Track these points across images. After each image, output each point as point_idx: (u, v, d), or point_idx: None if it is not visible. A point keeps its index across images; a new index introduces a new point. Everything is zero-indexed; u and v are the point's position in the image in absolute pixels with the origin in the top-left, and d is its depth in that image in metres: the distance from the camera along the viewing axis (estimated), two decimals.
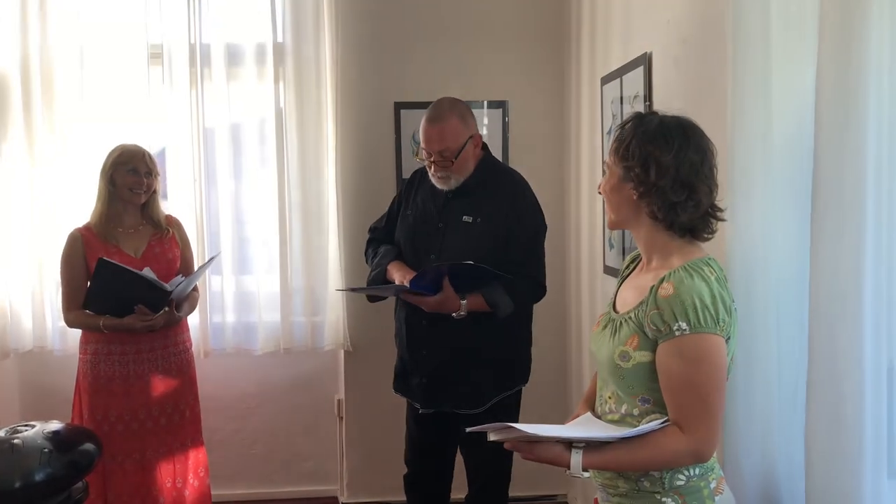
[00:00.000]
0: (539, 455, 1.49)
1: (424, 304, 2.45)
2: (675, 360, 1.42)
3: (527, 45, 3.58)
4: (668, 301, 1.42)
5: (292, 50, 3.46)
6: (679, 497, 1.47)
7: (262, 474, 3.74)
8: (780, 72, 1.63)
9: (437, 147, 2.47)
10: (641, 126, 1.50)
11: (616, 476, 1.53)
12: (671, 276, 1.44)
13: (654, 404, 1.48)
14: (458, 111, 2.51)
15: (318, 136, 3.50)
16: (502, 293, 2.46)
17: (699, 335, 1.40)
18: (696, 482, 1.48)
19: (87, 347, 2.85)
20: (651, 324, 1.45)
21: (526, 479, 3.25)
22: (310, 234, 3.54)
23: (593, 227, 3.14)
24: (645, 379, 1.48)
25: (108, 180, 2.83)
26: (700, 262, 1.47)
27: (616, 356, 1.51)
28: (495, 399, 2.57)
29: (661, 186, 1.46)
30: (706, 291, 1.41)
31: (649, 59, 2.43)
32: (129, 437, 2.81)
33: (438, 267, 2.43)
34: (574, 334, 3.52)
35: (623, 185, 1.51)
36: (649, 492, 1.49)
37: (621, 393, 1.53)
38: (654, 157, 1.46)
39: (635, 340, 1.48)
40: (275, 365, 3.66)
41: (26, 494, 2.32)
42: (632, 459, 1.45)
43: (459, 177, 2.54)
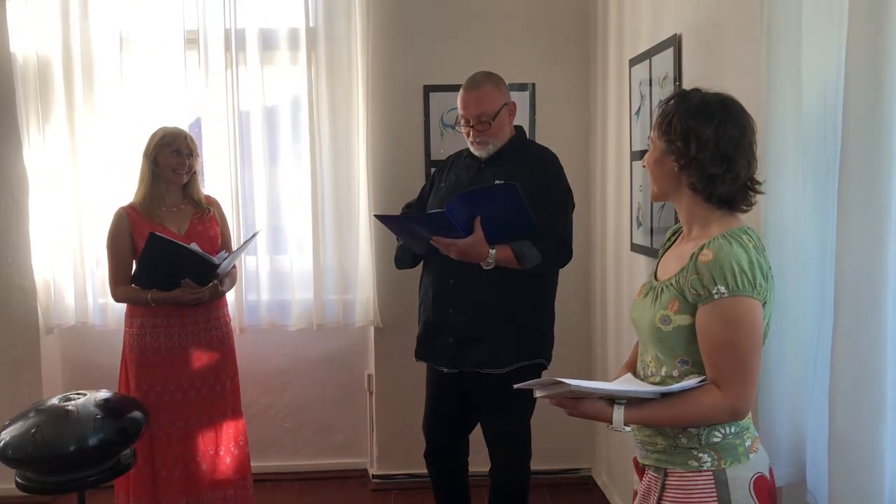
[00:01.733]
0: (583, 410, 1.56)
1: (454, 246, 2.50)
2: (715, 321, 1.49)
3: (554, 27, 3.65)
4: (707, 266, 1.49)
5: (324, 34, 3.55)
6: (715, 453, 1.54)
7: (295, 447, 3.87)
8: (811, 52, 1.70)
9: (474, 111, 2.60)
10: (684, 102, 1.57)
11: (655, 433, 1.60)
12: (711, 244, 1.51)
13: (692, 365, 1.56)
14: (492, 80, 2.66)
15: (349, 118, 3.59)
16: (530, 245, 2.53)
17: (737, 298, 1.47)
18: (731, 440, 1.55)
19: (132, 321, 2.95)
20: (691, 288, 1.52)
21: (549, 454, 3.35)
22: (341, 214, 3.64)
23: (620, 207, 3.21)
24: (684, 341, 1.55)
25: (152, 161, 2.92)
26: (738, 230, 1.54)
27: (657, 320, 1.58)
28: (517, 364, 2.63)
29: (700, 159, 1.53)
30: (744, 257, 1.48)
31: (679, 40, 2.49)
32: (174, 406, 2.92)
33: (477, 190, 2.50)
34: (599, 313, 3.59)
35: (665, 158, 1.59)
36: (686, 448, 1.56)
37: (661, 356, 1.60)
38: (695, 131, 1.53)
39: (676, 305, 1.55)
40: (307, 341, 3.77)
41: (80, 458, 2.44)
42: (671, 415, 1.52)
43: (496, 142, 2.64)
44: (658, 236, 2.72)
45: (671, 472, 1.58)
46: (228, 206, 3.47)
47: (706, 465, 1.54)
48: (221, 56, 3.53)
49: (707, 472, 1.54)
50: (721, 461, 1.54)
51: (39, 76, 3.47)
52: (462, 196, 2.47)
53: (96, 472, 2.51)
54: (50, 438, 2.39)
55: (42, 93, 3.49)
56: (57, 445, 2.39)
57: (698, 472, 1.54)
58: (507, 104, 2.65)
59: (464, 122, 2.66)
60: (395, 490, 3.70)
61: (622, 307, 3.21)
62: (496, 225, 2.48)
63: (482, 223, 2.47)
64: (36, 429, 2.39)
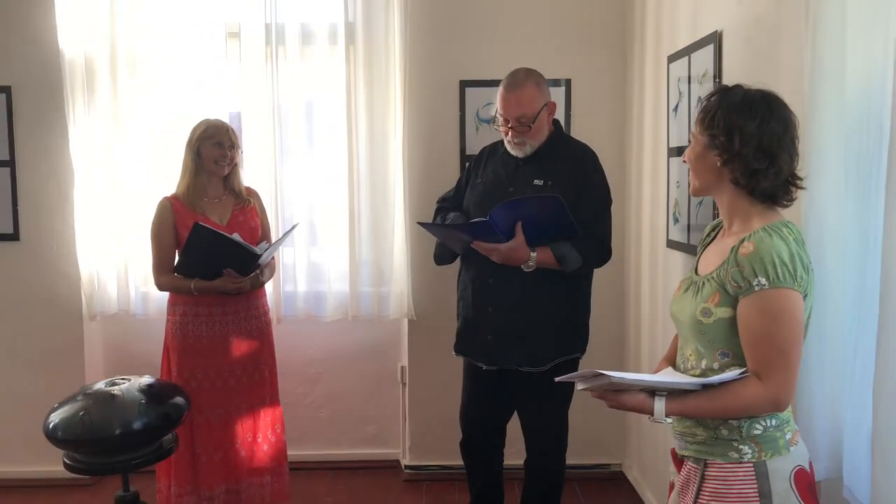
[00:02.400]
0: (624, 402, 1.57)
1: (496, 251, 2.52)
2: (756, 313, 1.50)
3: (591, 23, 3.65)
4: (748, 259, 1.50)
5: (362, 29, 3.59)
6: (756, 445, 1.56)
7: (329, 437, 3.92)
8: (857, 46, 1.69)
9: (514, 113, 2.58)
10: (727, 98, 1.58)
11: (695, 425, 1.62)
12: (752, 237, 1.53)
13: (733, 358, 1.57)
14: (534, 79, 2.62)
15: (386, 113, 3.63)
16: (570, 248, 2.54)
17: (778, 290, 1.48)
18: (772, 432, 1.56)
19: (175, 309, 3.02)
20: (732, 280, 1.53)
21: (580, 449, 3.36)
22: (377, 208, 3.68)
23: (656, 203, 3.21)
24: (725, 333, 1.57)
25: (195, 153, 2.98)
26: (779, 224, 1.56)
27: (698, 313, 1.60)
28: (556, 361, 2.66)
29: (744, 154, 1.54)
30: (784, 249, 1.50)
31: (720, 37, 2.49)
32: (214, 393, 2.99)
33: (519, 199, 2.51)
34: (633, 309, 3.60)
35: (708, 152, 1.60)
36: (727, 439, 1.57)
37: (702, 348, 1.62)
38: (739, 127, 1.54)
39: (717, 298, 1.57)
40: (342, 333, 3.83)
41: (125, 441, 2.51)
42: (712, 406, 1.53)
43: (534, 143, 2.64)
44: (695, 233, 2.72)
45: (711, 463, 1.59)
46: (267, 198, 3.53)
47: (747, 457, 1.55)
48: (262, 50, 3.58)
49: (748, 464, 1.55)
50: (762, 453, 1.55)
51: (86, 70, 3.56)
52: (505, 204, 2.48)
53: (140, 455, 2.59)
54: (97, 421, 2.46)
55: (88, 86, 3.58)
56: (104, 428, 2.47)
57: (739, 463, 1.55)
58: (547, 104, 2.64)
59: (502, 122, 2.65)
60: (428, 481, 3.74)
61: (657, 303, 3.21)
62: (537, 228, 2.50)
63: (523, 226, 2.49)
64: (84, 411, 2.47)
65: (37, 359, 3.71)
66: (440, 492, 3.64)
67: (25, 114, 3.63)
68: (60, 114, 3.57)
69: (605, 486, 3.71)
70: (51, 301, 3.69)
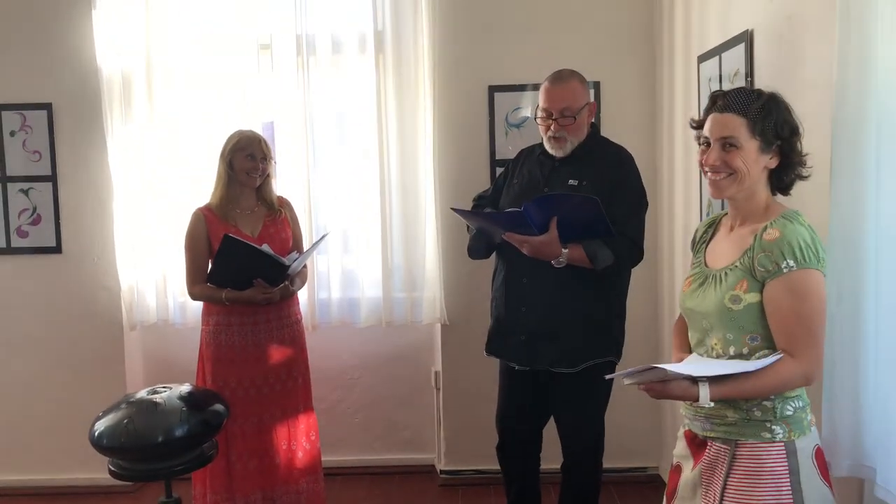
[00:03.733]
0: (670, 391, 1.64)
1: (528, 243, 2.52)
2: (785, 294, 1.60)
3: (619, 26, 3.64)
4: (775, 243, 1.60)
5: (391, 37, 3.63)
6: (786, 426, 1.65)
7: (364, 442, 3.96)
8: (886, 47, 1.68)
9: (559, 105, 2.61)
10: (775, 103, 1.70)
11: (724, 407, 1.68)
12: (774, 224, 1.63)
13: (762, 340, 1.66)
14: (578, 77, 2.68)
15: (416, 119, 3.66)
16: (602, 246, 2.53)
17: (805, 271, 1.59)
18: (799, 413, 1.66)
19: (209, 319, 3.07)
20: (759, 265, 1.62)
21: (616, 453, 3.34)
22: (408, 214, 3.71)
23: (688, 204, 3.19)
24: (755, 318, 1.65)
25: (228, 164, 3.03)
26: (793, 212, 1.67)
27: (727, 300, 1.67)
28: (589, 362, 2.65)
29: (798, 150, 1.70)
30: (806, 233, 1.61)
31: (751, 36, 2.47)
32: (249, 401, 3.03)
33: (557, 195, 2.52)
34: (667, 310, 3.57)
35: (761, 157, 1.69)
36: (760, 420, 1.65)
37: (731, 335, 1.69)
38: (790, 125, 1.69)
39: (744, 284, 1.65)
40: (376, 338, 3.86)
41: (167, 448, 2.55)
42: (753, 387, 1.61)
43: (574, 140, 2.65)
44: None
45: (742, 443, 1.66)
46: (300, 207, 3.58)
47: (779, 437, 1.64)
48: (293, 60, 3.64)
49: (779, 444, 1.63)
50: (791, 433, 1.64)
51: (123, 85, 3.65)
52: (542, 199, 2.48)
53: (182, 462, 2.62)
54: (141, 429, 2.51)
55: (125, 101, 3.67)
56: (147, 436, 2.51)
57: (771, 443, 1.64)
58: (588, 104, 2.67)
59: (544, 115, 2.65)
60: (463, 485, 3.75)
61: None
62: (571, 226, 2.50)
63: (557, 223, 2.49)
64: (128, 419, 2.52)
65: (79, 368, 3.79)
66: (476, 496, 3.64)
67: (66, 129, 3.72)
68: (99, 129, 3.66)
69: (643, 489, 3.68)
70: (92, 312, 3.78)
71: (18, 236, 3.77)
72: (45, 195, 3.74)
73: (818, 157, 1.95)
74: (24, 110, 3.71)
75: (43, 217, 3.75)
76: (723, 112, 1.69)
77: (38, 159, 3.73)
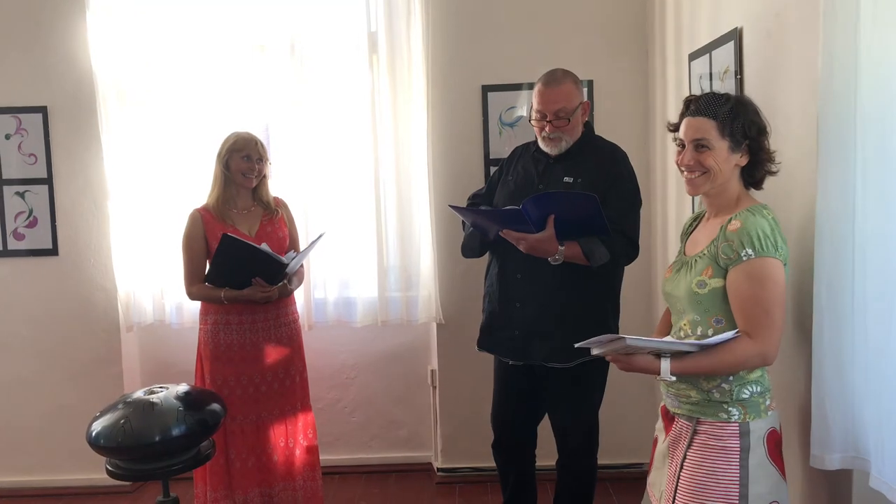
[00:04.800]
0: (634, 364, 1.79)
1: (524, 240, 2.53)
2: (744, 279, 1.74)
3: (611, 24, 3.66)
4: (736, 234, 1.76)
5: (385, 39, 3.64)
6: (742, 408, 1.80)
7: (361, 441, 3.98)
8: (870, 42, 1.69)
9: (553, 107, 2.63)
10: (741, 105, 1.85)
11: (689, 387, 1.84)
12: (738, 216, 1.79)
13: (726, 323, 1.81)
14: (571, 77, 2.69)
15: (410, 119, 3.68)
16: (599, 243, 2.55)
17: (762, 259, 1.73)
18: (756, 398, 1.81)
19: (206, 318, 3.09)
20: (723, 253, 1.77)
21: (612, 449, 3.37)
22: (403, 214, 3.73)
23: (681, 201, 3.21)
24: (718, 301, 1.80)
25: (224, 165, 3.05)
26: (758, 206, 1.82)
27: (694, 285, 1.83)
28: (583, 358, 2.64)
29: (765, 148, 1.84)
30: (766, 225, 1.76)
31: (740, 33, 2.49)
32: (247, 400, 3.05)
33: (554, 193, 2.54)
34: (660, 306, 3.59)
35: (731, 156, 1.83)
36: (718, 401, 1.81)
37: (698, 317, 1.84)
38: (757, 125, 1.84)
39: (710, 270, 1.81)
40: (372, 338, 3.88)
41: (164, 448, 2.57)
42: (710, 363, 1.76)
43: (569, 139, 2.66)
44: None
45: (703, 421, 1.82)
46: (295, 207, 3.59)
47: (734, 418, 1.79)
48: (288, 62, 3.66)
49: (734, 424, 1.79)
50: (746, 415, 1.79)
51: (118, 88, 3.67)
52: (541, 196, 2.49)
53: (179, 462, 2.64)
54: (138, 429, 2.52)
55: (120, 103, 3.69)
56: (144, 435, 2.53)
57: (727, 423, 1.79)
58: (582, 103, 2.69)
59: (538, 117, 2.67)
60: (460, 483, 3.77)
61: None
62: (567, 223, 2.51)
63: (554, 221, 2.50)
64: (125, 419, 2.53)
65: (76, 370, 3.81)
66: (473, 494, 3.66)
67: (61, 132, 3.74)
68: (94, 131, 3.68)
69: (638, 485, 3.68)
70: (89, 313, 3.79)
71: (15, 239, 3.78)
72: (42, 198, 3.76)
73: (805, 151, 1.98)
74: (20, 113, 3.72)
75: (39, 219, 3.77)
76: (695, 116, 1.85)
77: (34, 162, 3.74)
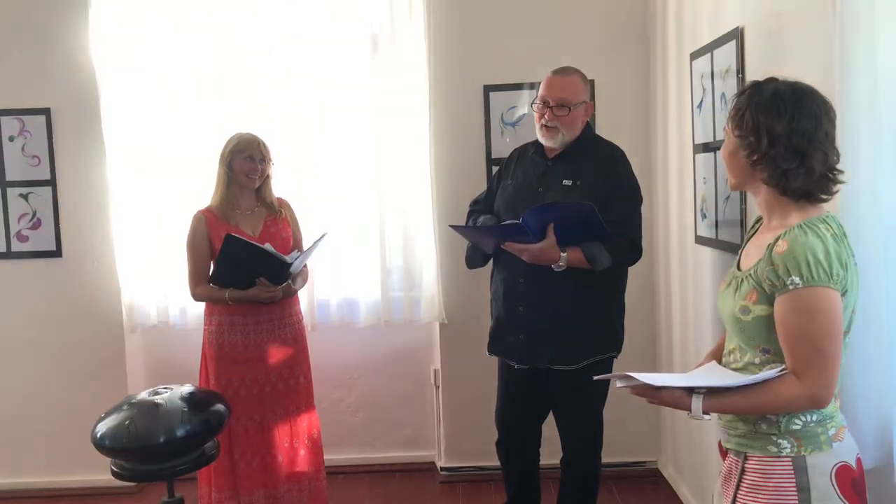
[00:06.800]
0: (663, 399, 1.59)
1: (527, 251, 2.54)
2: (791, 312, 1.49)
3: (612, 24, 3.67)
4: (782, 257, 1.49)
5: (388, 39, 3.66)
6: (795, 440, 1.55)
7: (365, 441, 3.98)
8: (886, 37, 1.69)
9: (558, 94, 2.65)
10: (756, 96, 1.56)
11: (736, 419, 1.62)
12: (786, 234, 1.51)
13: (773, 354, 1.57)
14: (581, 74, 2.74)
15: (412, 120, 3.69)
16: (601, 248, 2.56)
17: (812, 288, 1.47)
18: (812, 428, 1.55)
19: (211, 319, 3.09)
20: (767, 279, 1.52)
21: (616, 447, 3.37)
22: (405, 214, 3.74)
23: (683, 200, 3.22)
24: (764, 331, 1.56)
25: (227, 166, 3.06)
26: (816, 219, 1.53)
27: (737, 310, 1.60)
28: (590, 359, 2.67)
29: (772, 155, 1.53)
30: (819, 247, 1.47)
31: (741, 33, 2.49)
32: (251, 401, 3.05)
33: (552, 204, 2.54)
34: (664, 305, 3.60)
35: (738, 151, 1.59)
36: (765, 433, 1.57)
37: (743, 345, 1.62)
38: (767, 127, 1.52)
39: (754, 295, 1.56)
40: (375, 338, 3.89)
41: (169, 449, 2.58)
42: (748, 404, 1.54)
43: (566, 133, 2.66)
44: (723, 228, 2.73)
45: (751, 456, 1.60)
46: (298, 208, 3.59)
47: (785, 452, 1.55)
48: (291, 62, 3.67)
49: (786, 458, 1.55)
50: (801, 448, 1.54)
51: (121, 88, 3.68)
52: (538, 207, 2.51)
53: (184, 462, 2.66)
54: (142, 430, 2.54)
55: (123, 104, 3.69)
56: (149, 436, 2.54)
57: (777, 457, 1.56)
58: (585, 102, 2.70)
59: (541, 104, 2.68)
60: (463, 482, 3.78)
61: (688, 300, 3.21)
62: (568, 230, 2.52)
63: (554, 228, 2.51)
64: (130, 420, 2.54)
65: (80, 371, 3.82)
66: (476, 493, 3.67)
67: (64, 134, 3.75)
68: (97, 132, 3.69)
69: (642, 483, 3.71)
70: (93, 315, 3.80)
71: (18, 241, 3.79)
72: (45, 199, 3.77)
73: None
74: (23, 115, 3.73)
75: (43, 221, 3.78)
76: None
77: (38, 164, 3.75)
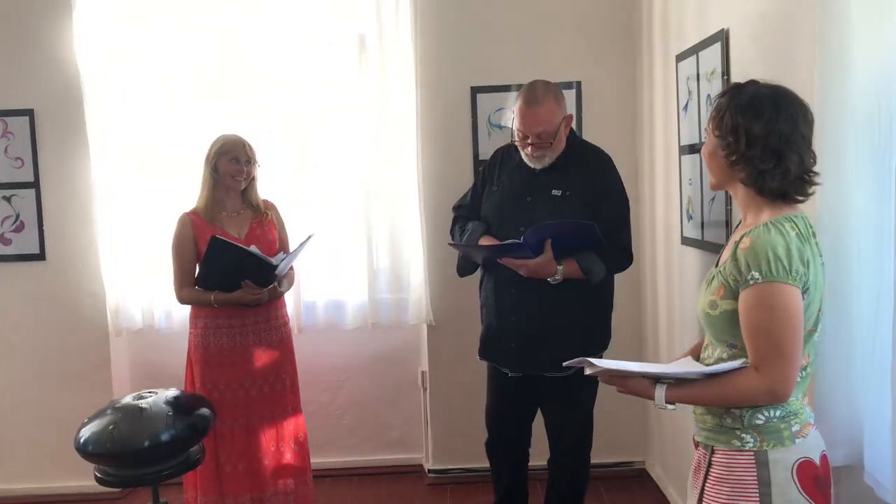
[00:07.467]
0: (629, 387, 1.66)
1: (524, 266, 2.55)
2: (751, 307, 1.54)
3: (599, 25, 3.67)
4: (745, 253, 1.54)
5: (375, 41, 3.65)
6: (758, 435, 1.58)
7: (352, 443, 3.97)
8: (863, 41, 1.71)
9: (535, 130, 2.57)
10: (736, 98, 1.59)
11: (705, 412, 1.67)
12: (751, 232, 1.56)
13: (740, 349, 1.60)
14: (552, 93, 2.60)
15: (399, 121, 3.68)
16: (596, 259, 2.56)
17: (770, 284, 1.51)
18: (775, 423, 1.58)
19: (196, 322, 3.07)
20: (731, 274, 1.57)
21: (606, 447, 3.38)
22: (393, 215, 3.73)
23: (669, 201, 3.22)
24: (729, 325, 1.60)
25: (213, 168, 3.04)
26: (783, 218, 1.56)
27: (706, 305, 1.64)
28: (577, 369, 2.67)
29: (750, 156, 1.56)
30: (780, 244, 1.51)
31: (726, 34, 2.50)
32: (237, 404, 3.03)
33: (553, 224, 2.52)
34: (650, 306, 3.61)
35: (717, 151, 1.63)
36: (730, 428, 1.61)
37: (713, 339, 1.67)
38: (745, 129, 1.55)
39: (722, 290, 1.60)
40: (362, 340, 3.87)
41: (153, 453, 2.56)
42: (709, 394, 1.59)
43: (553, 155, 2.65)
44: (709, 229, 2.74)
45: (717, 449, 1.64)
46: (284, 210, 3.57)
47: (748, 446, 1.58)
48: (277, 63, 3.65)
49: (749, 452, 1.58)
50: (763, 442, 1.58)
51: (105, 91, 3.64)
52: (541, 227, 2.50)
53: (169, 467, 2.63)
54: (126, 434, 2.51)
55: (108, 106, 3.66)
56: (133, 441, 2.52)
57: (740, 451, 1.59)
58: (565, 118, 2.63)
59: (521, 137, 2.63)
60: (451, 484, 3.77)
61: (673, 300, 3.22)
62: (564, 244, 2.53)
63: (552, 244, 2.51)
64: (113, 425, 2.52)
65: (65, 375, 3.78)
66: (464, 494, 3.66)
67: (48, 135, 3.71)
68: (82, 134, 3.65)
69: (629, 484, 3.71)
70: (77, 318, 3.77)
71: (2, 243, 3.75)
72: (28, 202, 3.73)
73: None
74: (6, 117, 3.69)
75: (26, 224, 3.74)
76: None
77: (21, 166, 3.71)
